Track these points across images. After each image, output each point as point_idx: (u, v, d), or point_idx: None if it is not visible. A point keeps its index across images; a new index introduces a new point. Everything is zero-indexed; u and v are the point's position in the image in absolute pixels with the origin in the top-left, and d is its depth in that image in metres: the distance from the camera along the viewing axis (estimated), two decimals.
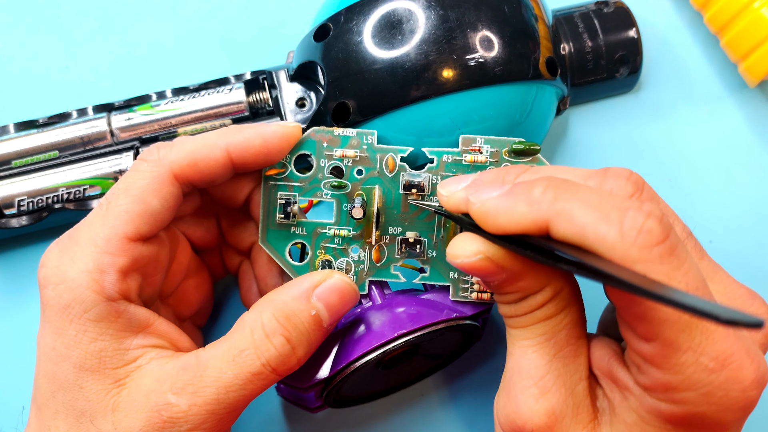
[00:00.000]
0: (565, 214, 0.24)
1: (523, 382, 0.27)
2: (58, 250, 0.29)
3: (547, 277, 0.27)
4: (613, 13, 0.40)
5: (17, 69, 0.43)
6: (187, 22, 0.43)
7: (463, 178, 0.29)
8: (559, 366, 0.27)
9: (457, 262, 0.27)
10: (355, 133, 0.32)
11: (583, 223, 0.24)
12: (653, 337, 0.24)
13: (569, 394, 0.27)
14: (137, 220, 0.29)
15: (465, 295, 0.32)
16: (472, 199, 0.27)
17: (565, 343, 0.28)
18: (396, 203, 0.32)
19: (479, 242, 0.27)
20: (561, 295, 0.27)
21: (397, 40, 0.34)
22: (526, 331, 0.28)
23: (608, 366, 0.27)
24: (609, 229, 0.23)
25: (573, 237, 0.24)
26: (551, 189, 0.25)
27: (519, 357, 0.28)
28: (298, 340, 0.29)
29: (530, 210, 0.25)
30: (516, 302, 0.28)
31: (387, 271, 0.33)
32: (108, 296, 0.28)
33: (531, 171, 0.28)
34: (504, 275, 0.27)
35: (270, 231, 0.33)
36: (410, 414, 0.38)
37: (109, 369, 0.28)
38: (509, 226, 0.25)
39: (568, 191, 0.25)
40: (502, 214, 0.25)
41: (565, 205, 0.24)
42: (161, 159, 0.30)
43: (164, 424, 0.27)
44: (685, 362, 0.24)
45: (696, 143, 0.42)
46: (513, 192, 0.26)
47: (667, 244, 0.23)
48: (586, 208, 0.24)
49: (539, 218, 0.25)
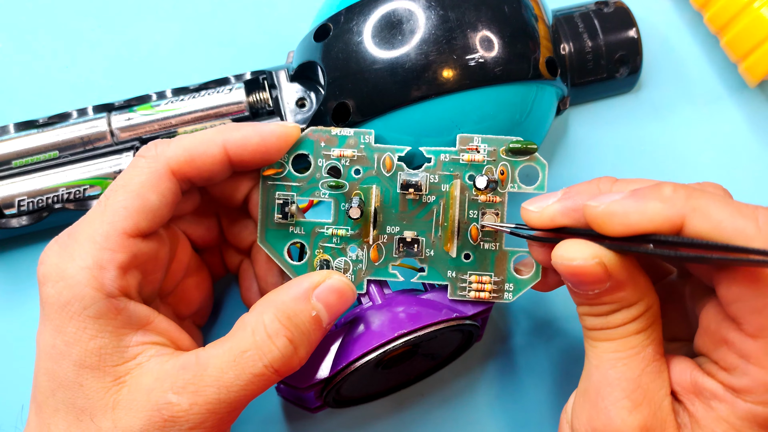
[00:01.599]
0: (701, 209, 0.25)
1: (614, 394, 0.27)
2: (58, 247, 0.29)
3: (644, 291, 0.28)
4: (613, 13, 0.40)
5: (17, 69, 0.43)
6: (187, 22, 0.44)
7: (549, 195, 0.30)
8: (648, 381, 0.28)
9: (573, 265, 0.27)
10: (353, 133, 0.32)
11: (720, 218, 0.25)
12: (764, 334, 0.25)
13: (658, 409, 0.27)
14: (136, 216, 0.29)
15: (463, 294, 0.32)
16: (592, 203, 0.27)
17: (652, 359, 0.28)
18: (394, 202, 0.32)
19: (595, 247, 0.27)
20: (652, 311, 0.28)
21: (397, 40, 0.34)
22: (617, 344, 0.28)
23: (691, 378, 0.28)
24: (746, 223, 0.25)
25: (709, 231, 0.25)
26: (681, 189, 0.26)
27: (607, 369, 0.28)
28: (300, 340, 0.29)
29: (665, 207, 0.26)
30: (609, 314, 0.28)
31: (385, 270, 0.33)
32: (107, 293, 0.28)
33: (622, 181, 0.29)
34: (608, 283, 0.27)
35: (269, 230, 0.33)
36: (410, 414, 0.38)
37: (109, 366, 0.28)
38: (641, 224, 0.26)
39: (697, 191, 0.26)
40: (634, 212, 0.26)
41: (701, 202, 0.25)
42: (159, 155, 0.30)
43: (165, 422, 0.27)
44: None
45: (696, 143, 0.42)
46: (640, 193, 0.26)
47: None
48: (721, 205, 0.25)
49: (675, 214, 0.25)
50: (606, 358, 0.28)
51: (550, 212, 0.29)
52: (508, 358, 0.39)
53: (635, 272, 0.28)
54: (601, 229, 0.27)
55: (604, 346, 0.28)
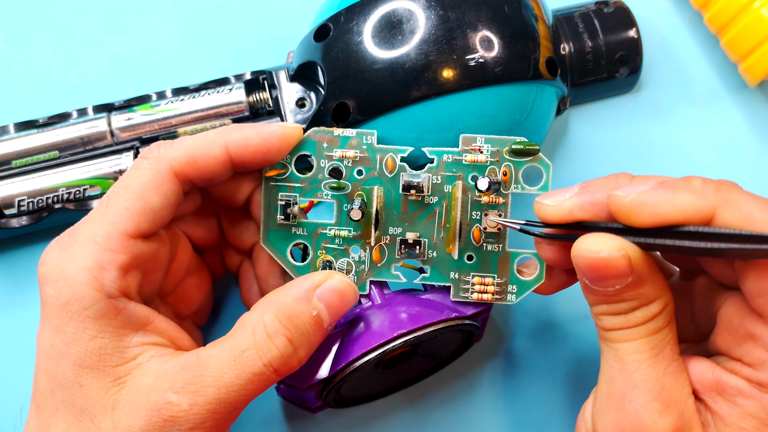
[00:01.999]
0: (732, 201, 0.26)
1: (643, 397, 0.27)
2: (58, 247, 0.29)
3: (661, 288, 0.28)
4: (613, 13, 0.40)
5: (17, 69, 0.43)
6: (187, 22, 0.43)
7: (565, 189, 0.29)
8: (671, 381, 0.27)
9: (599, 257, 0.27)
10: (355, 134, 0.32)
11: (750, 209, 0.25)
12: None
13: (685, 409, 0.27)
14: (137, 217, 0.29)
15: (465, 296, 0.32)
16: (620, 193, 0.27)
17: (671, 359, 0.28)
18: (396, 203, 0.32)
19: (619, 240, 0.27)
20: (668, 309, 0.28)
21: (397, 40, 0.34)
22: (637, 344, 0.28)
23: (713, 376, 0.28)
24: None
25: (740, 223, 0.25)
26: (711, 182, 0.26)
27: (631, 372, 0.27)
28: (300, 340, 0.29)
29: (696, 198, 0.26)
30: (628, 312, 0.28)
31: (387, 271, 0.33)
32: (108, 293, 0.28)
33: (639, 177, 0.29)
34: (630, 278, 0.27)
35: (271, 231, 0.33)
36: (410, 414, 0.38)
37: (108, 367, 0.28)
38: (671, 215, 0.26)
39: (725, 184, 0.26)
40: (664, 202, 0.26)
41: (731, 195, 0.26)
42: (161, 156, 0.30)
43: (165, 422, 0.27)
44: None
45: (696, 143, 0.42)
46: (669, 184, 0.27)
47: None
48: (749, 198, 0.26)
49: (706, 206, 0.26)
50: (629, 360, 0.28)
51: (568, 206, 0.29)
52: (508, 358, 0.39)
53: (655, 269, 0.28)
54: (628, 220, 0.27)
55: (626, 348, 0.28)
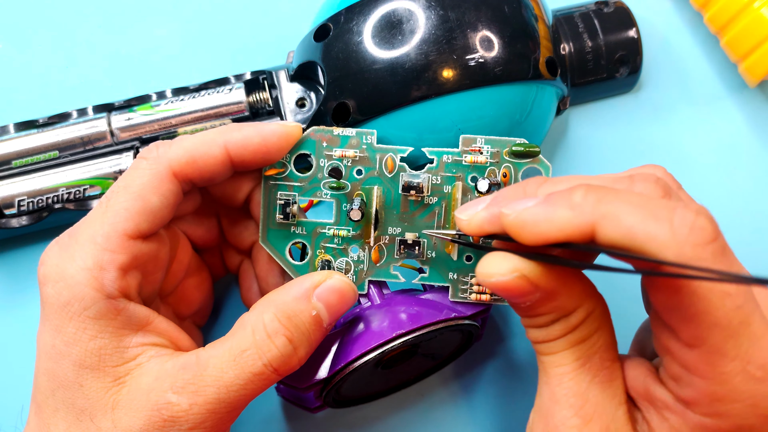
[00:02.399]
0: (611, 215, 0.23)
1: (563, 413, 0.26)
2: (58, 247, 0.29)
3: (580, 297, 0.26)
4: (613, 13, 0.40)
5: (17, 69, 0.43)
6: (187, 22, 0.44)
7: (480, 200, 0.29)
8: (597, 392, 0.27)
9: (491, 281, 0.26)
10: (355, 133, 0.32)
11: (630, 223, 0.23)
12: (699, 343, 0.24)
13: (611, 421, 0.26)
14: (137, 218, 0.29)
15: (464, 296, 0.32)
16: (506, 211, 0.25)
17: (600, 367, 0.27)
18: (395, 203, 0.32)
19: (514, 259, 0.26)
20: (593, 316, 0.27)
21: (397, 40, 0.34)
22: (560, 357, 0.27)
23: (644, 385, 0.27)
24: (659, 227, 0.22)
25: (621, 239, 0.23)
26: (592, 193, 0.24)
27: (554, 385, 0.27)
28: (300, 340, 0.29)
29: (574, 215, 0.24)
30: (548, 325, 0.27)
31: (386, 271, 0.33)
32: (107, 294, 0.28)
33: (551, 181, 0.27)
34: (538, 294, 0.26)
35: (270, 230, 0.33)
36: (410, 414, 0.38)
37: (108, 367, 0.28)
38: (551, 234, 0.24)
39: (609, 194, 0.24)
40: (543, 221, 0.24)
41: (611, 207, 0.23)
42: (160, 156, 0.30)
43: (165, 422, 0.27)
44: (732, 371, 0.23)
45: (696, 143, 0.42)
46: (551, 199, 0.25)
47: (719, 242, 0.23)
48: (633, 209, 0.23)
49: (584, 222, 0.24)
50: (553, 374, 0.27)
51: (478, 220, 0.27)
52: (508, 358, 0.39)
53: (568, 278, 0.26)
54: (517, 239, 0.25)
55: (550, 360, 0.27)
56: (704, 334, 0.23)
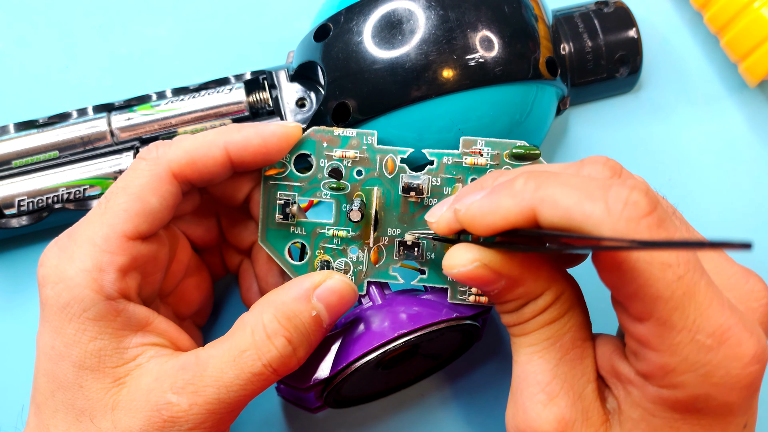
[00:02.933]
0: (548, 198, 0.24)
1: (530, 390, 0.27)
2: (57, 249, 0.29)
3: (548, 281, 0.27)
4: (613, 13, 0.40)
5: (17, 69, 0.43)
6: (187, 22, 0.43)
7: (445, 200, 0.30)
8: (566, 370, 0.27)
9: (454, 273, 0.27)
10: (355, 134, 0.32)
11: (567, 204, 0.24)
12: (647, 316, 0.24)
13: (578, 398, 0.27)
14: (136, 219, 0.29)
15: (463, 298, 0.32)
16: (457, 206, 0.27)
17: (571, 346, 0.27)
18: (395, 204, 0.32)
19: (474, 250, 0.27)
20: (563, 298, 0.27)
21: (397, 40, 0.34)
22: (530, 338, 0.28)
23: (610, 362, 0.27)
24: (594, 206, 0.23)
25: (560, 220, 0.24)
26: (532, 179, 0.25)
27: (524, 364, 0.28)
28: (299, 340, 0.29)
29: (515, 202, 0.25)
30: (517, 310, 0.28)
31: (385, 272, 0.33)
32: (107, 295, 0.28)
33: (506, 173, 0.29)
34: (503, 282, 0.27)
35: (269, 230, 0.33)
36: (410, 414, 0.38)
37: (108, 368, 0.28)
38: (497, 223, 0.26)
39: (548, 179, 0.25)
40: (488, 212, 0.26)
41: (548, 191, 0.24)
42: (160, 157, 0.30)
43: (164, 423, 0.27)
44: (681, 341, 0.24)
45: (696, 143, 0.42)
46: (495, 190, 0.26)
47: (655, 216, 0.23)
48: (569, 190, 0.24)
49: (525, 208, 0.25)
50: (523, 353, 0.28)
51: (444, 220, 0.29)
52: (508, 358, 0.39)
53: (532, 265, 0.27)
54: (471, 231, 0.27)
55: (521, 341, 0.28)
56: (649, 308, 0.24)
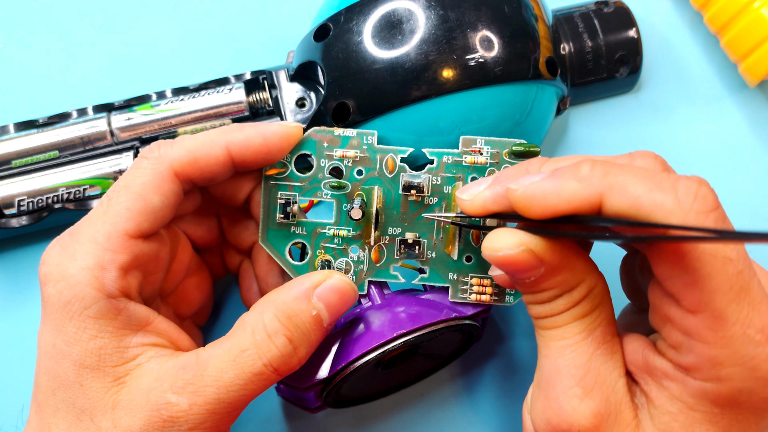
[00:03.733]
0: (618, 186, 0.24)
1: (565, 383, 0.27)
2: (59, 247, 0.29)
3: (583, 272, 0.27)
4: (613, 13, 0.40)
5: (17, 69, 0.43)
6: (186, 21, 0.43)
7: (481, 180, 0.29)
8: (599, 364, 0.27)
9: (499, 255, 0.27)
10: (356, 134, 0.32)
11: (638, 193, 0.24)
12: (702, 308, 0.24)
13: (611, 393, 0.27)
14: (138, 217, 0.29)
15: (464, 297, 0.32)
16: (513, 186, 0.26)
17: (602, 341, 0.27)
18: (396, 204, 0.32)
19: (520, 234, 0.26)
20: (595, 291, 0.27)
21: (397, 40, 0.34)
22: (563, 331, 0.27)
23: (643, 357, 0.27)
24: (665, 197, 0.23)
25: (628, 208, 0.24)
26: (599, 166, 0.25)
27: (556, 358, 0.27)
28: (300, 340, 0.29)
29: (582, 186, 0.25)
30: (551, 300, 0.27)
31: (386, 271, 0.33)
32: (108, 293, 0.28)
33: (552, 160, 0.28)
34: (542, 269, 0.27)
35: (270, 230, 0.33)
36: (410, 414, 0.38)
37: (108, 367, 0.28)
38: (560, 206, 0.25)
39: (615, 167, 0.25)
40: (551, 194, 0.25)
41: (618, 179, 0.24)
42: (162, 156, 0.30)
43: (164, 423, 0.27)
44: (733, 335, 0.24)
45: (696, 143, 0.42)
46: (558, 173, 0.26)
47: (720, 211, 0.24)
48: (639, 179, 0.24)
49: (592, 193, 0.24)
50: (554, 347, 0.28)
51: (481, 200, 0.28)
52: (508, 358, 0.39)
53: (572, 255, 0.27)
54: (524, 213, 0.26)
55: (552, 334, 0.28)
56: (707, 299, 0.24)
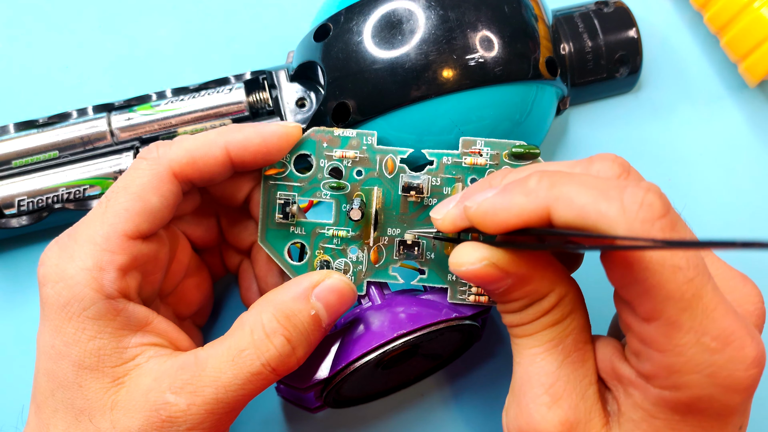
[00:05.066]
0: (563, 197, 0.24)
1: (534, 391, 0.27)
2: (58, 248, 0.29)
3: (553, 282, 0.27)
4: (613, 13, 0.40)
5: (17, 69, 0.43)
6: (187, 21, 0.44)
7: (451, 198, 0.30)
8: (569, 372, 0.27)
9: (462, 270, 0.27)
10: (355, 134, 0.32)
11: (582, 203, 0.24)
12: (656, 316, 0.24)
13: (581, 400, 0.27)
14: (137, 218, 0.29)
15: (463, 298, 0.32)
16: (468, 203, 0.27)
17: (573, 348, 0.27)
18: (395, 204, 0.32)
19: (483, 249, 0.27)
20: (566, 300, 0.27)
21: (397, 40, 0.34)
22: (533, 339, 0.28)
23: (611, 363, 0.27)
24: (609, 206, 0.23)
25: (574, 219, 0.24)
26: (546, 177, 0.25)
27: (527, 365, 0.28)
28: (298, 340, 0.29)
29: (529, 200, 0.25)
30: (522, 310, 0.28)
31: (385, 272, 0.33)
32: (107, 294, 0.28)
33: (516, 171, 0.29)
34: (509, 281, 0.27)
35: (269, 230, 0.33)
36: (410, 414, 0.38)
37: (107, 367, 0.28)
38: (510, 221, 0.25)
39: (563, 177, 0.25)
40: (501, 209, 0.26)
41: (563, 190, 0.24)
42: (161, 157, 0.30)
43: (163, 423, 0.27)
44: (687, 342, 0.24)
45: (696, 143, 0.42)
46: (508, 188, 0.26)
47: (668, 218, 0.24)
48: (584, 189, 0.24)
49: (539, 206, 0.25)
50: (526, 355, 0.28)
51: (450, 217, 0.29)
52: (508, 358, 0.39)
53: (539, 265, 0.27)
54: (481, 229, 0.27)
55: (523, 342, 0.28)
56: (659, 308, 0.24)
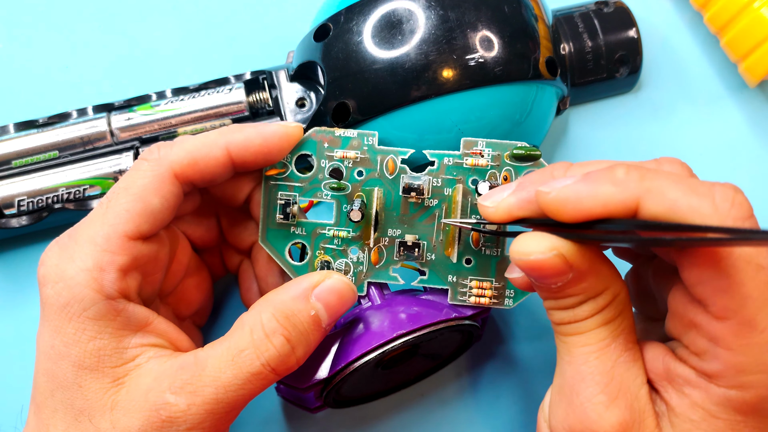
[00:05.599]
0: (656, 190, 0.24)
1: (589, 390, 0.27)
2: (58, 248, 0.29)
3: (608, 279, 0.27)
4: (613, 13, 0.40)
5: (17, 69, 0.43)
6: (187, 21, 0.43)
7: (504, 187, 0.29)
8: (622, 371, 0.27)
9: (530, 259, 0.26)
10: (356, 134, 0.32)
11: (674, 197, 0.24)
12: (731, 315, 0.24)
13: (635, 401, 0.27)
14: (137, 219, 0.29)
15: (463, 299, 0.32)
16: (544, 189, 0.26)
17: (625, 348, 0.27)
18: (396, 205, 0.32)
19: (552, 238, 0.26)
20: (619, 299, 0.27)
21: (397, 40, 0.34)
22: (586, 337, 0.27)
23: (664, 365, 0.27)
24: (702, 202, 0.24)
25: (665, 212, 0.24)
26: (634, 170, 0.25)
27: (579, 364, 0.27)
28: (298, 340, 0.29)
29: (618, 190, 0.25)
30: (575, 306, 0.27)
31: (385, 272, 0.33)
32: (107, 295, 0.28)
33: (578, 164, 0.28)
34: (570, 275, 0.26)
35: (270, 230, 0.33)
36: (410, 414, 0.38)
37: (107, 368, 0.28)
38: (595, 209, 0.25)
39: (650, 171, 0.25)
40: (586, 196, 0.25)
41: (655, 183, 0.24)
42: (162, 158, 0.30)
43: (163, 423, 0.27)
44: (759, 342, 0.24)
45: (696, 143, 0.42)
46: (592, 176, 0.25)
47: (754, 218, 0.24)
48: (675, 184, 0.24)
49: (628, 197, 0.24)
50: (578, 353, 0.27)
51: (506, 205, 0.28)
52: (508, 358, 0.39)
53: (598, 261, 0.27)
54: (555, 216, 0.26)
55: (574, 341, 0.27)
56: (737, 306, 0.24)
